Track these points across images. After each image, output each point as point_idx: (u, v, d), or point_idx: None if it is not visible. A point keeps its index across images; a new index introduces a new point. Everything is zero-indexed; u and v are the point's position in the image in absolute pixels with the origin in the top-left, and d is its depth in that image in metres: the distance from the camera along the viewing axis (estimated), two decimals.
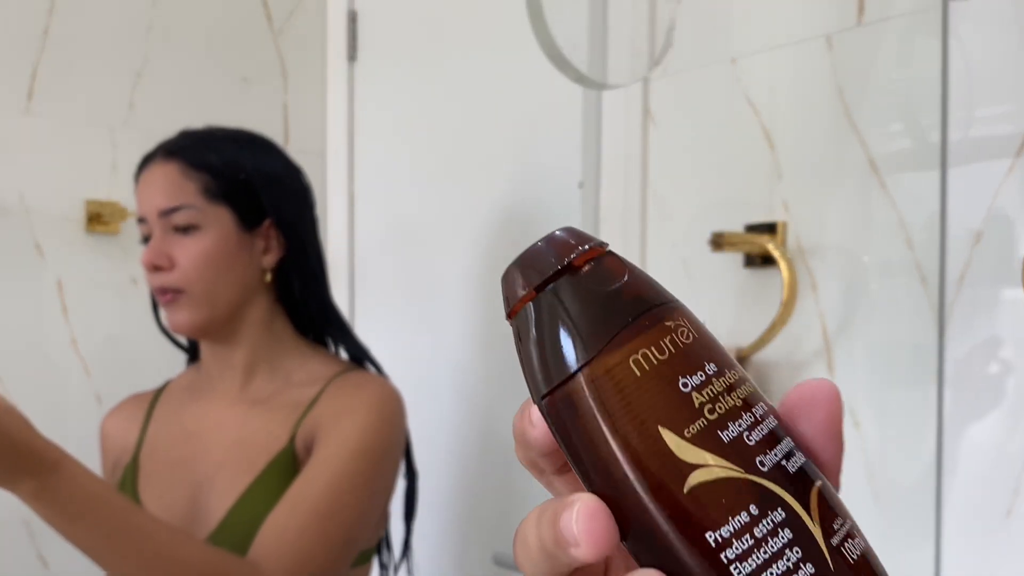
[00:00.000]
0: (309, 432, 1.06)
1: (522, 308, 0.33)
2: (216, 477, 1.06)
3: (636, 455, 0.31)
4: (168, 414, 1.15)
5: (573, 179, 1.31)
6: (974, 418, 0.95)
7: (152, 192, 1.07)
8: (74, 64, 1.49)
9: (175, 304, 1.06)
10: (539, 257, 0.32)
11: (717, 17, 1.17)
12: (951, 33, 0.97)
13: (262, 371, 1.12)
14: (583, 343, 0.31)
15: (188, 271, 1.05)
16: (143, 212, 1.08)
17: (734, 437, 0.31)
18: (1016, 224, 0.92)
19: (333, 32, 1.71)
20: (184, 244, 1.05)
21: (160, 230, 1.06)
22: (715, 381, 0.32)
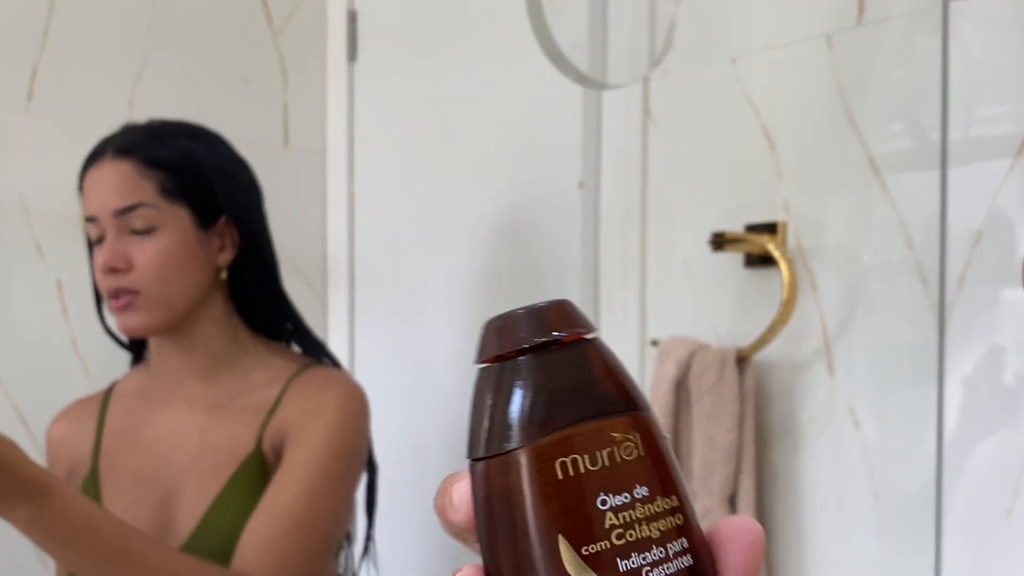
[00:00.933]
0: (277, 435, 1.04)
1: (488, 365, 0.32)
2: (183, 486, 1.04)
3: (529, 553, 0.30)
4: (123, 421, 1.11)
5: (573, 179, 1.31)
6: (974, 418, 0.95)
7: (104, 191, 1.04)
8: (74, 64, 1.49)
9: (132, 307, 1.03)
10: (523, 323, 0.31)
11: (717, 17, 1.17)
12: (951, 33, 0.97)
13: (221, 372, 1.09)
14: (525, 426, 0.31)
15: (146, 273, 1.02)
16: (94, 212, 1.05)
17: (631, 569, 0.30)
18: (1016, 224, 0.92)
19: (333, 32, 1.71)
20: (141, 245, 1.02)
21: (114, 231, 1.03)
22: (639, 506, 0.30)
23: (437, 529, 1.38)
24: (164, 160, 1.05)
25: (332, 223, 1.71)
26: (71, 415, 1.15)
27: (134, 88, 1.54)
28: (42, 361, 1.47)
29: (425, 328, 1.58)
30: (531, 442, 0.30)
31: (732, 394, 1.07)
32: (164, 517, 1.04)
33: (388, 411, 1.54)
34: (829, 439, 1.06)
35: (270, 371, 1.09)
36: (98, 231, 1.05)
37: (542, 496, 0.30)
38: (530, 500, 0.30)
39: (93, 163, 1.07)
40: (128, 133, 1.08)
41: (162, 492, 1.05)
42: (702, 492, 1.08)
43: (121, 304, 1.03)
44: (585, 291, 1.30)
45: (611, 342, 1.23)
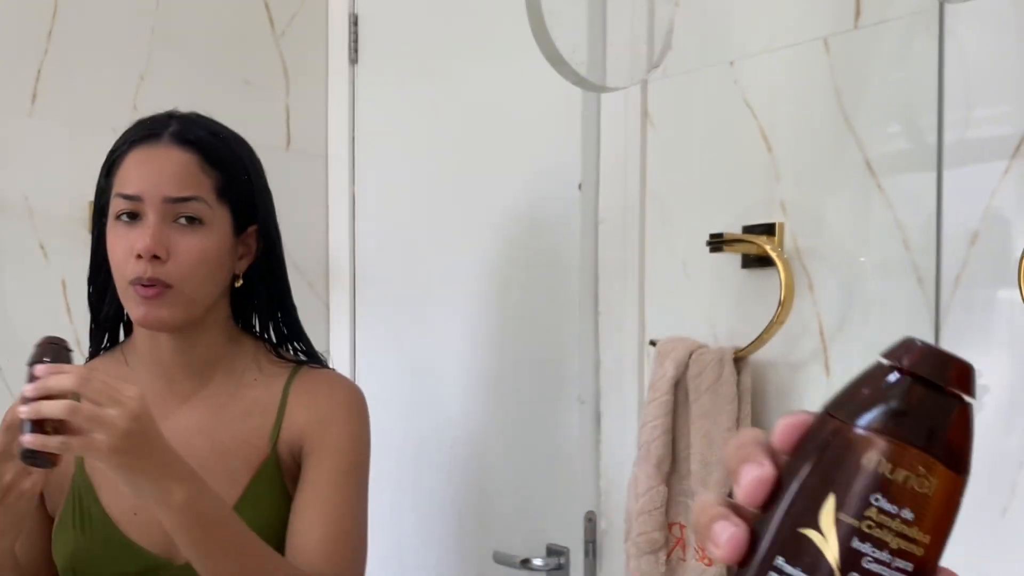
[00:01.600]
0: (292, 440, 1.05)
1: (892, 364, 0.39)
2: None
3: (808, 488, 0.39)
4: None
5: (572, 180, 1.31)
6: None
7: (159, 174, 1.00)
8: (77, 66, 1.50)
9: (160, 299, 0.99)
10: (935, 358, 0.39)
11: (715, 20, 1.18)
12: (947, 35, 0.97)
13: (217, 372, 1.07)
14: (885, 420, 0.38)
15: (184, 267, 0.99)
16: (139, 191, 1.00)
17: (858, 551, 0.37)
18: (1012, 225, 0.93)
19: (335, 35, 1.72)
20: (185, 238, 1.00)
21: (159, 216, 0.99)
22: (897, 521, 0.38)
23: (437, 528, 1.38)
24: (224, 161, 1.04)
25: (334, 224, 1.72)
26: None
27: (137, 90, 1.54)
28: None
29: (426, 328, 1.58)
30: (880, 433, 0.38)
31: (730, 394, 1.07)
32: None
33: (389, 411, 1.55)
34: None
35: (263, 371, 1.09)
36: (135, 210, 1.00)
37: (849, 466, 0.38)
38: (840, 461, 0.38)
39: (144, 142, 1.02)
40: (187, 124, 1.04)
41: None
42: (700, 491, 1.09)
43: (150, 294, 0.99)
44: (584, 291, 1.31)
45: (610, 342, 1.24)
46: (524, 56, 1.11)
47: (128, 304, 1.01)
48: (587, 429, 1.31)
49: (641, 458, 1.13)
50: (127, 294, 1.00)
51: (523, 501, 1.42)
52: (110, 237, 1.02)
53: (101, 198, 1.05)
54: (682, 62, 1.20)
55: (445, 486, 1.53)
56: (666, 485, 1.12)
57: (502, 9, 1.31)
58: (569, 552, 1.33)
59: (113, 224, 1.01)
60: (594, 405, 1.31)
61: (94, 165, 1.50)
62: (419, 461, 1.56)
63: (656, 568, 1.11)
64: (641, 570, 1.12)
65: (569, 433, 1.33)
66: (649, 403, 1.13)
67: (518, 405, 1.43)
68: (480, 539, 1.46)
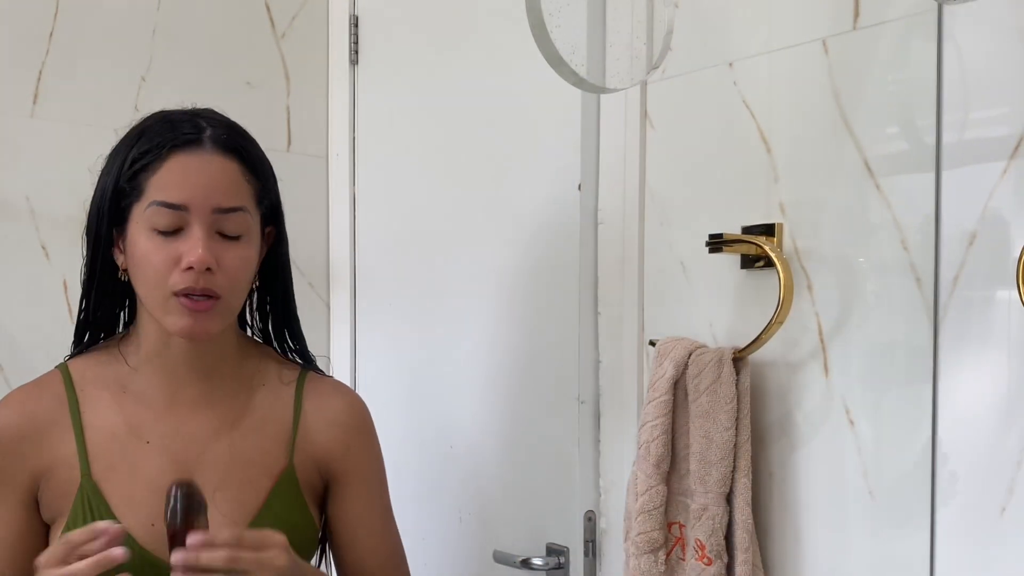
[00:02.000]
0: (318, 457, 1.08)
1: None
2: (215, 499, 0.99)
3: None
4: (109, 419, 1.02)
5: (572, 181, 1.32)
6: (968, 417, 0.96)
7: (207, 184, 0.97)
8: (79, 67, 1.50)
9: (210, 311, 0.97)
10: None
11: (714, 21, 1.18)
12: (946, 36, 0.98)
13: (225, 376, 1.06)
14: None
15: (231, 278, 0.98)
16: (185, 200, 0.96)
17: None
18: (1011, 225, 0.93)
19: (335, 36, 1.73)
20: (231, 248, 0.98)
21: (206, 228, 0.96)
22: None
23: (437, 528, 1.39)
24: (260, 168, 1.02)
25: (334, 225, 1.72)
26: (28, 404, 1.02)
27: (138, 91, 1.55)
28: (48, 362, 1.47)
29: (426, 328, 1.59)
30: None
31: (729, 393, 1.08)
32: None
33: (389, 411, 1.55)
34: (824, 438, 1.07)
35: (268, 375, 1.09)
36: (180, 222, 0.96)
37: None
38: None
39: (184, 148, 0.97)
40: (223, 128, 1.01)
41: None
42: (699, 490, 1.09)
43: (202, 307, 0.96)
44: (584, 292, 1.31)
45: (610, 342, 1.25)
46: (524, 57, 1.11)
47: (168, 315, 0.97)
48: (587, 429, 1.31)
49: (640, 458, 1.13)
50: (168, 305, 0.97)
51: (523, 501, 1.42)
52: (143, 246, 0.97)
53: (119, 201, 0.99)
54: (681, 63, 1.20)
55: (445, 486, 1.53)
56: (665, 485, 1.12)
57: (502, 10, 1.32)
58: (569, 551, 1.34)
59: (146, 233, 0.97)
60: (594, 405, 1.31)
61: (96, 166, 1.51)
62: (419, 461, 1.57)
63: (655, 567, 1.12)
64: (640, 569, 1.12)
65: (569, 433, 1.33)
66: (648, 403, 1.13)
67: (518, 405, 1.43)
68: (480, 539, 1.46)
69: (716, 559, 1.08)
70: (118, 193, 0.99)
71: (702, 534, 1.08)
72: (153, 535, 0.98)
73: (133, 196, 0.98)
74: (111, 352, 1.06)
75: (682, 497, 1.12)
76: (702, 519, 1.09)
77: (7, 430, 1.01)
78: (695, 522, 1.09)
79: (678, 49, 1.18)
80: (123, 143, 1.02)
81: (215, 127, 1.00)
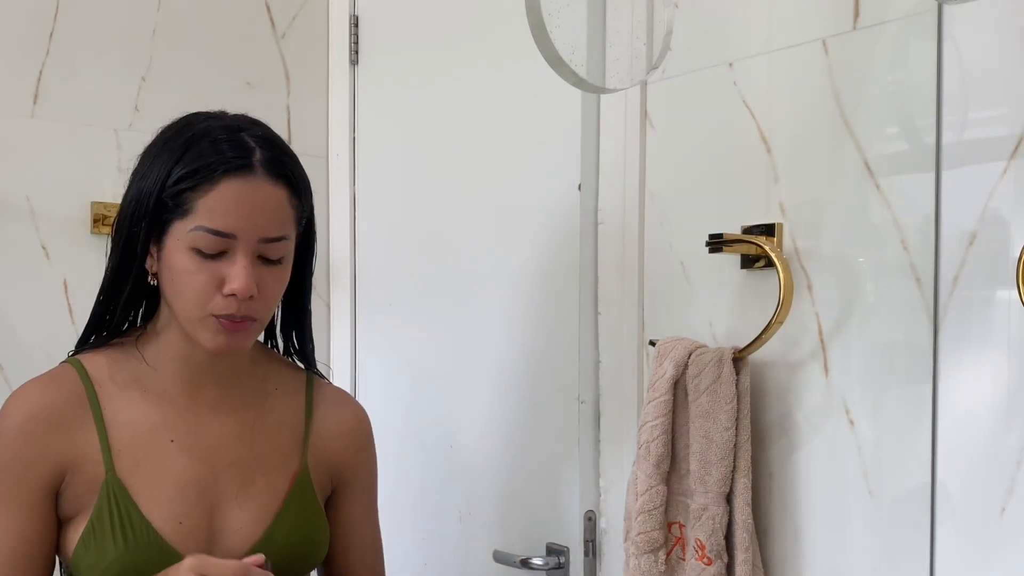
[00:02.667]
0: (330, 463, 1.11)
1: None
2: (238, 498, 1.03)
3: None
4: (132, 416, 1.03)
5: (572, 181, 1.32)
6: (968, 417, 0.96)
7: (258, 213, 0.97)
8: (79, 67, 1.50)
9: (245, 332, 0.99)
10: None
11: (714, 21, 1.18)
12: (945, 36, 0.98)
13: (241, 378, 1.08)
14: None
15: (269, 302, 1.00)
16: (235, 229, 0.96)
17: None
18: (1010, 225, 0.93)
19: (336, 36, 1.73)
20: (270, 273, 0.99)
21: (251, 255, 0.97)
22: None
23: (437, 527, 1.38)
24: (304, 189, 1.03)
25: (335, 225, 1.72)
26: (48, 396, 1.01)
27: (139, 91, 1.55)
28: (48, 362, 1.47)
29: (426, 328, 1.59)
30: None
31: (729, 393, 1.08)
32: (212, 529, 1.02)
33: (390, 411, 1.55)
34: (824, 438, 1.07)
35: (280, 379, 1.12)
36: (224, 247, 0.96)
37: None
38: None
39: (237, 174, 0.96)
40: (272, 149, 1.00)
41: (210, 503, 1.02)
42: (699, 490, 1.09)
43: (239, 327, 0.98)
44: (584, 292, 1.31)
45: (610, 342, 1.25)
46: (524, 57, 1.11)
47: (202, 332, 0.98)
48: (587, 429, 1.31)
49: (640, 458, 1.13)
50: (205, 324, 0.98)
51: (523, 501, 1.42)
52: (183, 265, 0.97)
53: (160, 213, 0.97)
54: (681, 63, 1.20)
55: (445, 486, 1.54)
56: (665, 484, 1.12)
57: (502, 10, 1.32)
58: (569, 551, 1.34)
59: (187, 252, 0.96)
60: (594, 405, 1.31)
61: (96, 166, 1.52)
62: (419, 461, 1.57)
63: (655, 567, 1.12)
64: (640, 569, 1.12)
65: (569, 433, 1.33)
66: (648, 403, 1.13)
67: (518, 405, 1.43)
68: (480, 539, 1.47)
69: (716, 559, 1.08)
70: (160, 205, 0.98)
71: (702, 534, 1.08)
72: (180, 532, 0.99)
73: (177, 213, 0.97)
74: (126, 350, 1.05)
75: (682, 497, 1.12)
76: (702, 519, 1.09)
77: (30, 421, 1.00)
78: (695, 522, 1.09)
79: (678, 49, 1.18)
80: (164, 151, 0.99)
81: (263, 148, 0.99)
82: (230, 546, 1.01)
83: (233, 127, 1.00)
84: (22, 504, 0.99)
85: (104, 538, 0.98)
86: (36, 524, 1.00)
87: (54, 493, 1.00)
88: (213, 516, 1.02)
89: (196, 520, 1.01)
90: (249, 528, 1.03)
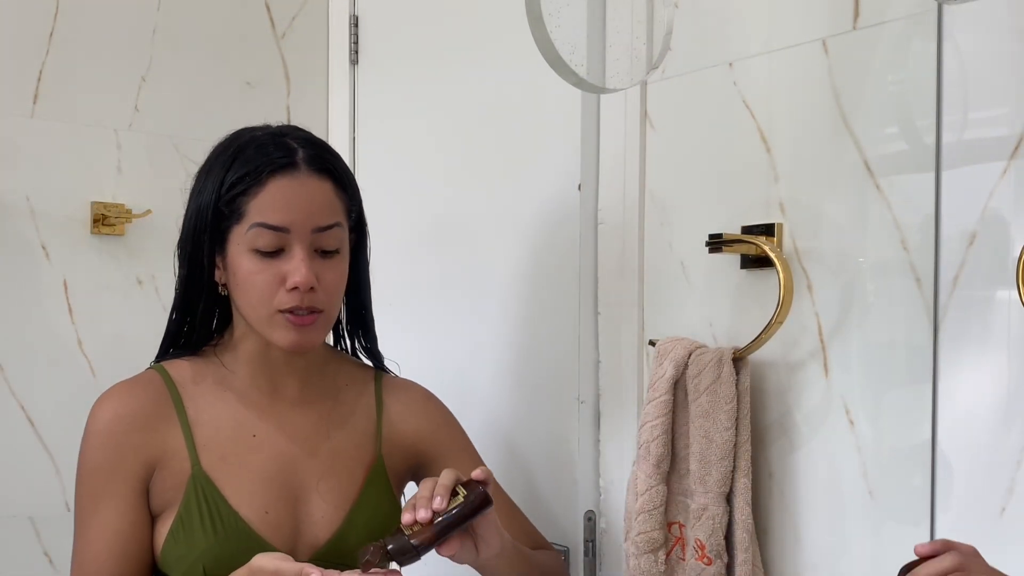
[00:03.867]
0: (406, 448, 1.14)
1: None
2: (317, 489, 1.07)
3: None
4: (214, 414, 1.07)
5: (572, 181, 1.32)
6: (968, 417, 0.96)
7: (306, 205, 1.02)
8: (79, 67, 1.50)
9: (314, 326, 1.04)
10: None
11: (714, 21, 1.18)
12: (946, 36, 0.98)
13: (315, 375, 1.12)
14: None
15: (331, 293, 1.05)
16: (287, 223, 1.01)
17: None
18: (1010, 225, 0.93)
19: (336, 36, 1.73)
20: (329, 264, 1.04)
21: (307, 248, 1.02)
22: None
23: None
24: (350, 183, 1.09)
25: None
26: (134, 397, 1.06)
27: (139, 91, 1.55)
28: (48, 361, 1.48)
29: (425, 328, 1.59)
30: None
31: (729, 393, 1.08)
32: (296, 518, 1.06)
33: None
34: (824, 438, 1.07)
35: (350, 376, 1.16)
36: (280, 243, 1.02)
37: None
38: None
39: (282, 171, 1.02)
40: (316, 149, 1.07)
41: (293, 494, 1.06)
42: (699, 490, 1.09)
43: (307, 322, 1.03)
44: (584, 292, 1.31)
45: (610, 342, 1.24)
46: (524, 57, 1.11)
47: (274, 331, 1.03)
48: (587, 429, 1.31)
49: (640, 457, 1.13)
50: (273, 322, 1.03)
51: (523, 501, 1.42)
52: (246, 267, 1.02)
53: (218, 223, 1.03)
54: (681, 63, 1.20)
55: None
56: (665, 484, 1.12)
57: (502, 10, 1.32)
58: (569, 551, 1.34)
59: (248, 254, 1.02)
60: (594, 405, 1.31)
61: (96, 166, 1.52)
62: None
63: (655, 567, 1.12)
64: (640, 569, 1.12)
65: (569, 433, 1.33)
66: (648, 403, 1.13)
67: (518, 405, 1.43)
68: None
69: (716, 559, 1.08)
70: (217, 215, 1.04)
71: (702, 534, 1.08)
72: (268, 522, 1.03)
73: (233, 219, 1.03)
74: (206, 357, 1.11)
75: (682, 497, 1.12)
76: (702, 519, 1.09)
77: (119, 421, 1.05)
78: (695, 522, 1.09)
79: (678, 49, 1.18)
80: (216, 164, 1.05)
81: (305, 147, 1.05)
82: (314, 532, 1.06)
83: (277, 133, 1.08)
84: (116, 502, 1.03)
85: (193, 530, 1.01)
86: (131, 520, 1.03)
87: (145, 490, 1.04)
88: (297, 505, 1.06)
89: (281, 510, 1.05)
90: (330, 516, 1.07)
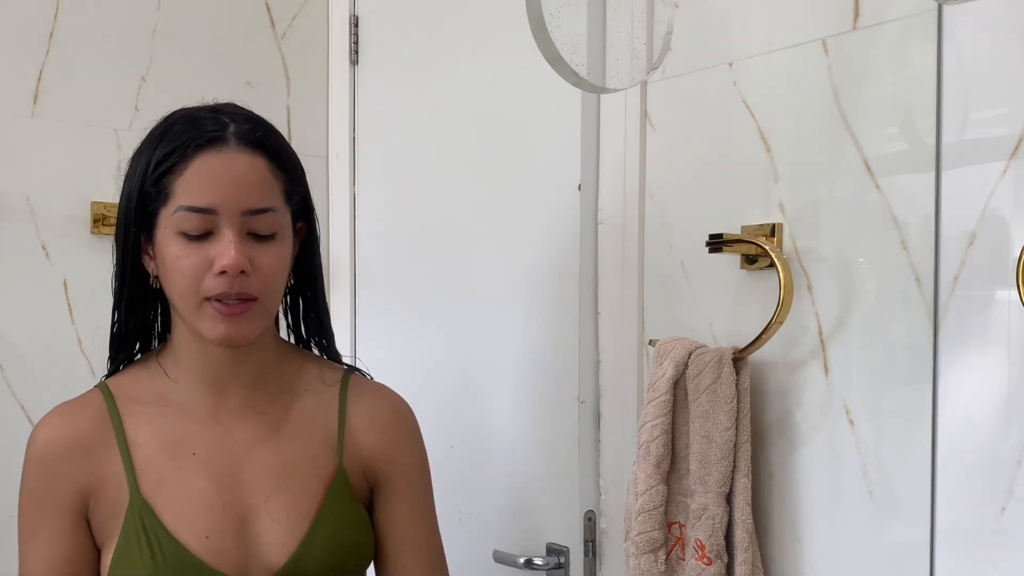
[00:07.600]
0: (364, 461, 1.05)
1: None
2: (268, 507, 0.98)
3: None
4: (153, 433, 1.00)
5: (572, 181, 1.32)
6: (968, 417, 0.96)
7: (236, 184, 0.93)
8: (79, 67, 1.50)
9: (247, 315, 0.94)
10: None
11: (714, 21, 1.18)
12: (946, 36, 0.98)
13: (267, 381, 1.04)
14: None
15: (267, 279, 0.95)
16: (214, 203, 0.92)
17: None
18: (1010, 225, 0.93)
19: (336, 36, 1.73)
20: (263, 248, 0.94)
21: (237, 230, 0.93)
22: None
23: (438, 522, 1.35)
24: (287, 162, 0.98)
25: (335, 225, 1.73)
26: (69, 422, 1.00)
27: (139, 91, 1.55)
28: (48, 361, 1.48)
29: (425, 328, 1.59)
30: None
31: (729, 393, 1.08)
32: (245, 541, 0.97)
33: None
34: (824, 438, 1.07)
35: (309, 379, 1.07)
36: (208, 225, 0.92)
37: None
38: None
39: (209, 147, 0.93)
40: (250, 123, 0.97)
41: (239, 515, 0.98)
42: (699, 490, 1.09)
43: (237, 311, 0.93)
44: (584, 292, 1.31)
45: (610, 342, 1.25)
46: (524, 57, 1.11)
47: (202, 322, 0.94)
48: (587, 429, 1.31)
49: (640, 457, 1.13)
50: (202, 312, 0.94)
51: (523, 501, 1.42)
52: (172, 252, 0.94)
53: (145, 206, 0.95)
54: (681, 63, 1.20)
55: (445, 486, 1.53)
56: (665, 484, 1.12)
57: (502, 10, 1.32)
58: (569, 551, 1.34)
59: (175, 238, 0.93)
60: (594, 405, 1.31)
61: (96, 166, 1.52)
62: None
63: (655, 567, 1.12)
64: (640, 569, 1.12)
65: (569, 433, 1.33)
66: (648, 403, 1.13)
67: (518, 405, 1.43)
68: (480, 539, 1.47)
69: (716, 559, 1.08)
70: (144, 197, 0.95)
71: (702, 534, 1.09)
72: (209, 546, 0.96)
73: (159, 200, 0.94)
74: (149, 366, 1.03)
75: (682, 497, 1.12)
76: (702, 519, 1.09)
77: (52, 447, 0.98)
78: (695, 522, 1.09)
79: (678, 49, 1.18)
80: (146, 144, 0.97)
81: (238, 122, 0.96)
82: (266, 556, 0.97)
83: (212, 109, 0.98)
84: (50, 534, 0.97)
85: (133, 560, 0.95)
86: (65, 552, 0.97)
87: (83, 519, 0.98)
88: (245, 527, 0.98)
89: (225, 534, 0.97)
90: (283, 538, 0.98)
